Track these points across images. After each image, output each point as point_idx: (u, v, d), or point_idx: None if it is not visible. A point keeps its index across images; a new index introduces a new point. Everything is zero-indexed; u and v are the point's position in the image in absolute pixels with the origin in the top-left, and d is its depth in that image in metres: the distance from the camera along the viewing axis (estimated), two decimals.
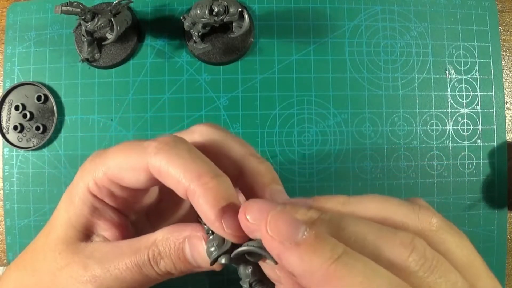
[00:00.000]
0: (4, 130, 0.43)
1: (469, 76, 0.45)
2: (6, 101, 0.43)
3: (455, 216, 0.44)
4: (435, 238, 0.18)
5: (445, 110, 0.45)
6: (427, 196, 0.44)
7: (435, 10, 0.46)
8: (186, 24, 0.40)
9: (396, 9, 0.45)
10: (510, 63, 0.46)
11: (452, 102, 0.45)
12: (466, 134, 0.45)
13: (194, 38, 0.41)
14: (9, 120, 0.43)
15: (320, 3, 0.45)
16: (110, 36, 0.40)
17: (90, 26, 0.38)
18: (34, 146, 0.42)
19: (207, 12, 0.37)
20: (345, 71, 0.44)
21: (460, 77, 0.45)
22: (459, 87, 0.45)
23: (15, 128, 0.42)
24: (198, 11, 0.38)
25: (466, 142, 0.45)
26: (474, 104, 0.45)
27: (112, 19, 0.38)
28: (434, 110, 0.45)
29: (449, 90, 0.45)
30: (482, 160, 0.45)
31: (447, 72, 0.45)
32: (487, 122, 0.45)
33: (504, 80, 0.46)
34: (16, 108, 0.43)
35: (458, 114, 0.45)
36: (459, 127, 0.45)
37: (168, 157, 0.20)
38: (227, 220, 0.19)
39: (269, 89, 0.43)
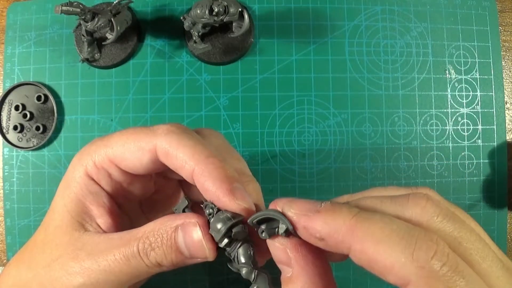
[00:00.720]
0: (4, 130, 0.43)
1: (469, 76, 0.45)
2: (6, 101, 0.43)
3: None
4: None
5: (445, 110, 0.45)
6: None
7: (435, 10, 0.46)
8: (186, 24, 0.40)
9: (396, 9, 0.45)
10: (510, 63, 0.46)
11: (452, 102, 0.45)
12: (466, 134, 0.45)
13: (194, 38, 0.41)
14: (9, 120, 0.43)
15: (320, 3, 0.45)
16: (110, 36, 0.40)
17: (90, 26, 0.38)
18: (34, 146, 0.42)
19: (207, 12, 0.37)
20: (345, 71, 0.44)
21: (460, 77, 0.45)
22: (459, 87, 0.45)
23: (15, 128, 0.42)
24: (198, 11, 0.38)
25: (466, 142, 0.45)
26: (474, 104, 0.45)
27: (112, 19, 0.38)
28: (434, 110, 0.45)
29: (449, 90, 0.45)
30: (482, 160, 0.45)
31: (447, 72, 0.45)
32: (487, 122, 0.45)
33: (504, 80, 0.46)
34: (16, 108, 0.43)
35: (458, 114, 0.45)
36: (459, 127, 0.45)
37: (178, 138, 0.22)
38: (237, 193, 0.21)
39: (269, 89, 0.43)
